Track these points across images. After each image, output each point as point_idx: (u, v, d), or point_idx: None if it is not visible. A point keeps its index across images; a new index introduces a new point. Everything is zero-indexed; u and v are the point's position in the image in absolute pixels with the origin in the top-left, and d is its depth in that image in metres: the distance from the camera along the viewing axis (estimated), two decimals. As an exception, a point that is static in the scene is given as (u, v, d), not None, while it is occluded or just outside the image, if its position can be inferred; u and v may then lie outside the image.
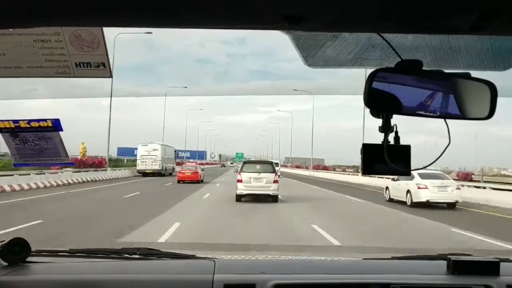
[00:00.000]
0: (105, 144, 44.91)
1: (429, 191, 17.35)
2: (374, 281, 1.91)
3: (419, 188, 17.55)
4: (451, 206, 17.67)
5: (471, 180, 24.93)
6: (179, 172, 32.94)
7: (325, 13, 0.99)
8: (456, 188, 17.95)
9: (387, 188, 20.95)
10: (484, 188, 23.23)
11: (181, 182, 30.76)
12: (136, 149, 48.02)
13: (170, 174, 46.17)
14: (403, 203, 18.40)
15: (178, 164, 53.81)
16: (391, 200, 19.91)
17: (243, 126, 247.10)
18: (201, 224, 11.92)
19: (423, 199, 17.33)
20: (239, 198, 18.08)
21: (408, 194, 18.20)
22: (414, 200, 17.71)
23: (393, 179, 20.18)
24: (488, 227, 12.49)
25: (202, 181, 32.36)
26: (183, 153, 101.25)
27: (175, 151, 54.91)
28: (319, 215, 14.55)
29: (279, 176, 19.92)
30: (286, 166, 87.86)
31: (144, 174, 43.45)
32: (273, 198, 18.07)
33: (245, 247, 8.38)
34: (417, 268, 2.16)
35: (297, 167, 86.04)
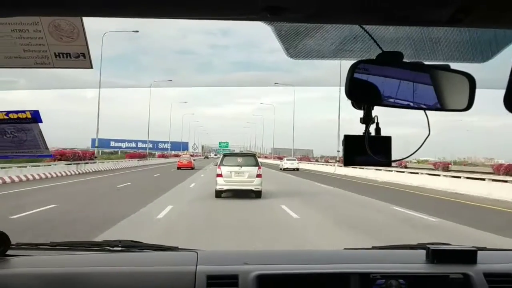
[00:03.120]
0: (86, 136, 35.47)
1: (286, 164, 50.97)
2: (355, 270, 1.93)
3: (283, 163, 51.41)
4: (296, 170, 48.34)
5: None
6: (178, 161, 49.17)
7: (307, 3, 0.99)
8: (298, 163, 53.38)
9: (279, 164, 54.44)
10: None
11: (179, 169, 44.60)
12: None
13: None
14: (281, 169, 49.14)
15: (163, 156, 48.46)
16: (280, 169, 49.24)
17: (226, 118, 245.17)
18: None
19: (285, 167, 49.79)
20: (219, 194, 16.32)
21: (281, 165, 51.48)
22: (283, 168, 49.72)
23: (281, 160, 60.33)
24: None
25: (193, 168, 46.56)
26: (164, 144, 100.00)
27: None
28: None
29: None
30: (260, 157, 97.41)
31: None
32: (256, 194, 16.40)
33: None
34: (397, 258, 2.20)
35: (265, 157, 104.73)
